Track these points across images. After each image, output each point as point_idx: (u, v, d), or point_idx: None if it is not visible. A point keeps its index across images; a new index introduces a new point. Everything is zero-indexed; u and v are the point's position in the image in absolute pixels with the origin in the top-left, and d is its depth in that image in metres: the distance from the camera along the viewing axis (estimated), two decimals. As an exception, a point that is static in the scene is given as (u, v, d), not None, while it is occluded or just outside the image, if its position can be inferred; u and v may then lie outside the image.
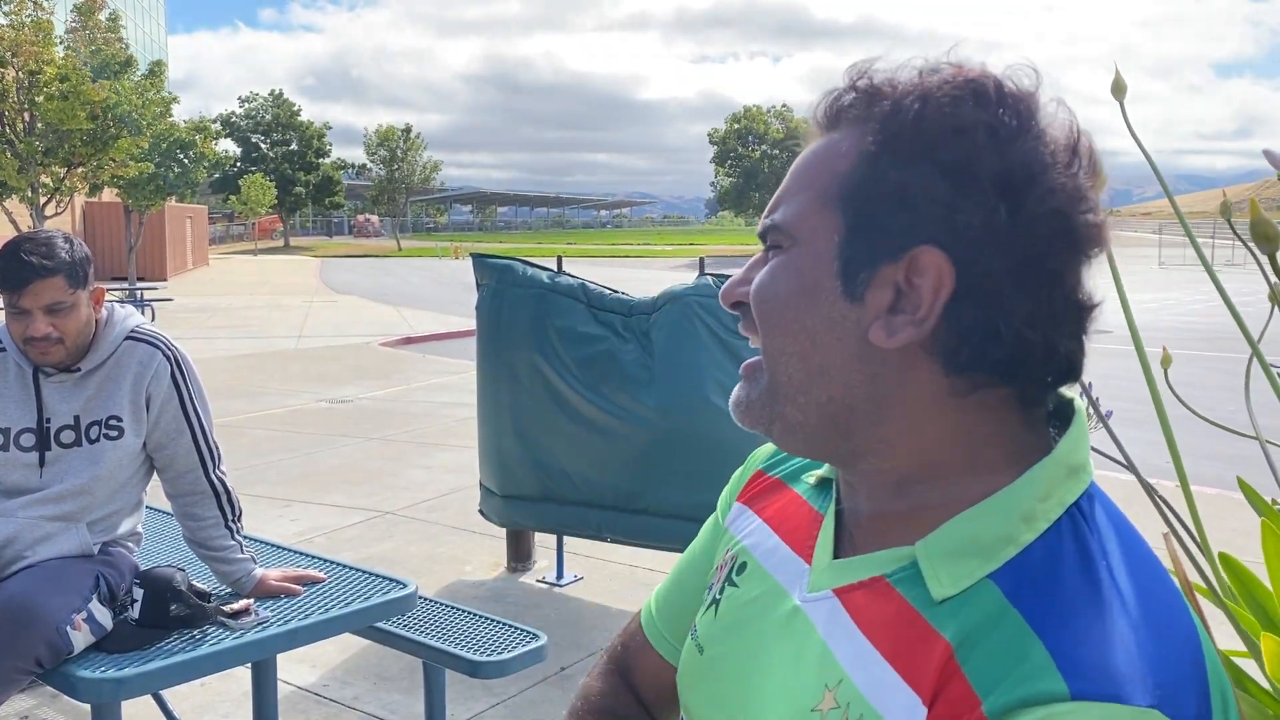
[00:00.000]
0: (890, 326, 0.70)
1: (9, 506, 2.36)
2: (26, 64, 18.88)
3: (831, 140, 0.75)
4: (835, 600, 0.76)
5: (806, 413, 0.74)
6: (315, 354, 14.15)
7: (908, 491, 0.74)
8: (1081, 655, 0.62)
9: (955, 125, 0.68)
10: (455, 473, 6.85)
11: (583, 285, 4.36)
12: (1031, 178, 0.68)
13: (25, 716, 3.44)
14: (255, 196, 58.96)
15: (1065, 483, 0.71)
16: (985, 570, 0.68)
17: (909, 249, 0.69)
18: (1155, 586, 0.68)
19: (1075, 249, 0.70)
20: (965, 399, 0.71)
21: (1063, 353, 0.71)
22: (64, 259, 2.31)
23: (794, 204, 0.75)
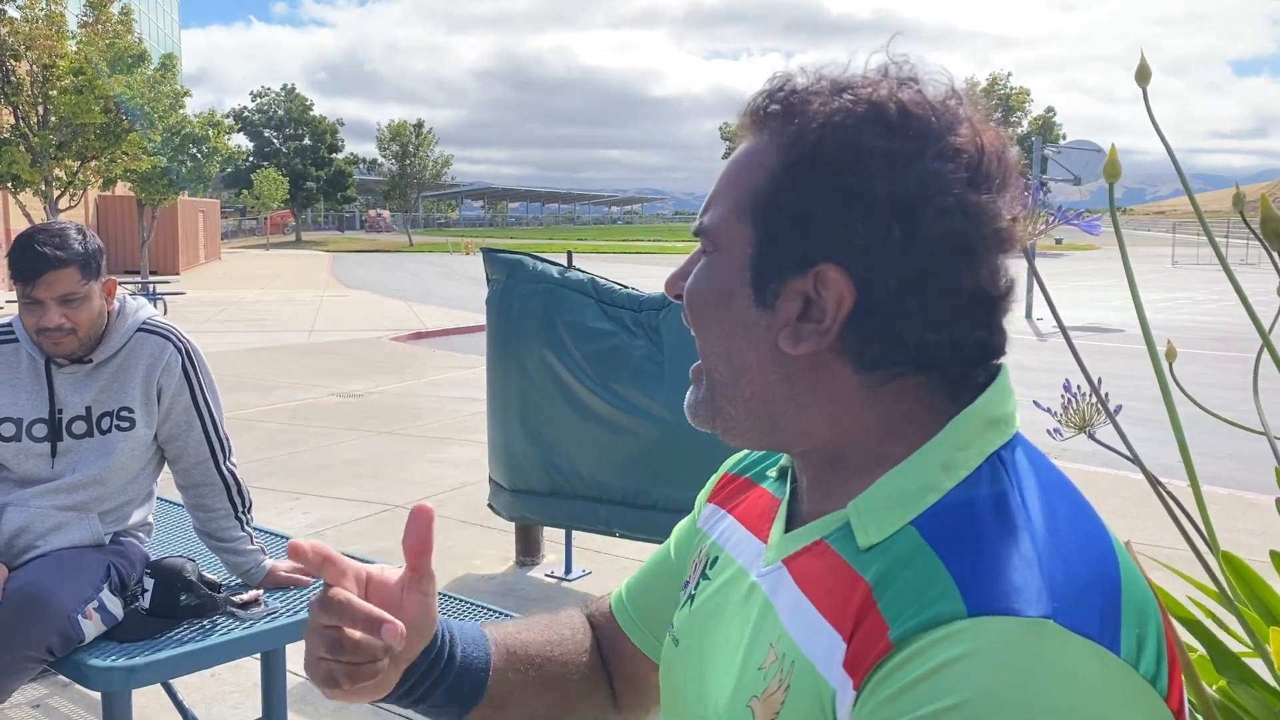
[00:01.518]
0: (797, 334, 0.75)
1: (22, 496, 2.37)
2: (40, 58, 18.96)
3: (753, 148, 0.79)
4: (784, 569, 0.80)
5: (736, 408, 0.80)
6: (326, 348, 14.19)
7: (841, 466, 0.78)
8: (981, 577, 0.65)
9: (853, 153, 0.72)
10: (464, 467, 6.87)
11: (593, 280, 4.37)
12: (926, 199, 0.71)
13: (37, 704, 3.47)
14: (268, 191, 59.14)
15: (985, 433, 0.74)
16: (908, 517, 0.72)
17: (812, 265, 0.73)
18: (1069, 516, 0.71)
19: (971, 260, 0.73)
20: (881, 389, 0.75)
21: (972, 342, 0.75)
22: (77, 250, 2.32)
23: (717, 210, 0.80)
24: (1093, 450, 0.86)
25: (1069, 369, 1.29)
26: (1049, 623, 0.62)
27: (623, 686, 1.07)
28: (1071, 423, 1.08)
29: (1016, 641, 0.61)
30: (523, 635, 1.02)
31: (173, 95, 22.28)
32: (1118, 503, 5.85)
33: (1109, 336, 15.60)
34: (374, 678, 0.80)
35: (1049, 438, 1.23)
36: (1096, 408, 1.06)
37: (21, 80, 19.24)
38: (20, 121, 19.39)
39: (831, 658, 0.70)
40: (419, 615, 0.84)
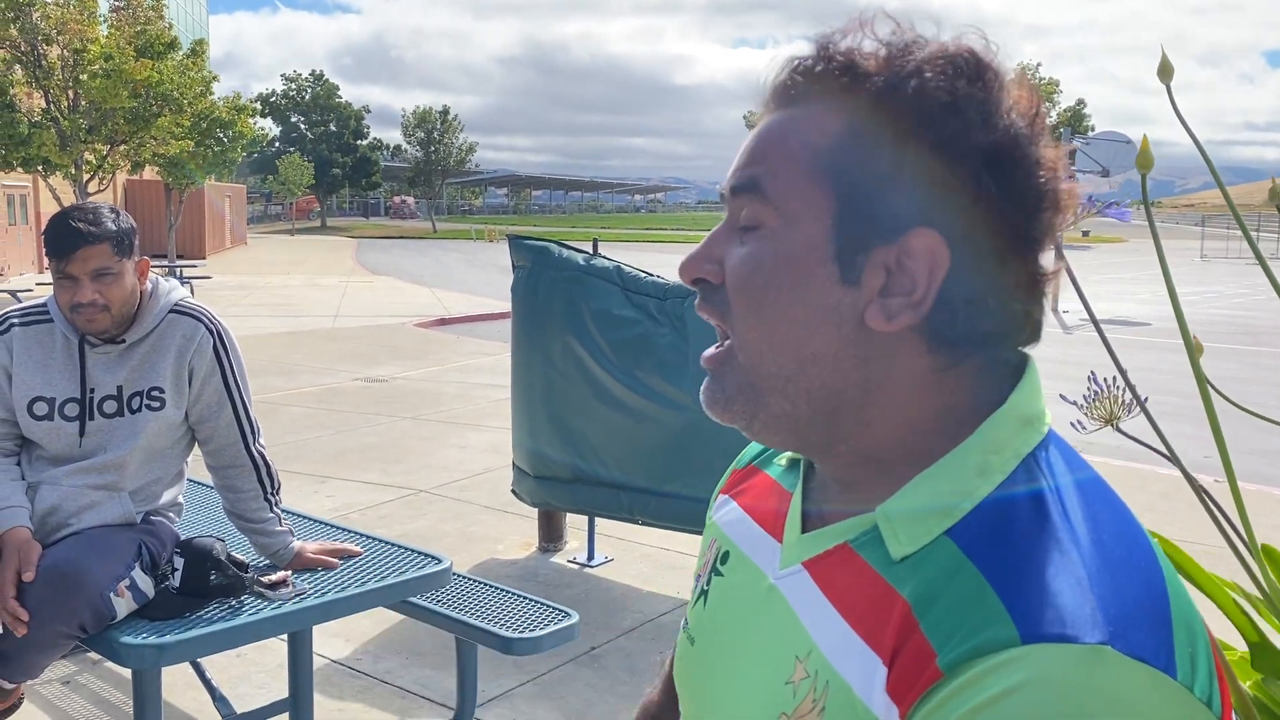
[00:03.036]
0: (887, 309, 0.69)
1: (54, 474, 2.41)
2: (71, 42, 19.10)
3: (805, 111, 0.73)
4: (805, 573, 0.76)
5: (795, 402, 0.73)
6: (351, 334, 14.27)
7: (880, 463, 0.74)
8: (1032, 599, 0.62)
9: (949, 102, 0.68)
10: (488, 453, 6.90)
11: (618, 268, 4.37)
12: (1018, 152, 0.69)
13: (68, 680, 3.52)
14: (293, 177, 59.41)
15: (1019, 434, 0.71)
16: (942, 527, 0.69)
17: (904, 230, 0.68)
18: (1113, 526, 0.68)
19: (1052, 217, 0.70)
20: (945, 373, 0.72)
21: (1036, 319, 0.72)
22: (110, 228, 2.35)
23: (777, 175, 0.72)
24: (1117, 444, 0.86)
25: (1096, 362, 1.28)
26: (1106, 649, 0.59)
27: None
28: (1098, 415, 1.08)
29: (1074, 670, 0.59)
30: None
31: (202, 81, 22.40)
32: (1144, 498, 5.81)
33: (1135, 330, 15.46)
34: None
35: (1072, 430, 1.23)
36: (1124, 400, 1.05)
37: (53, 64, 19.39)
38: (51, 105, 19.55)
39: (872, 681, 0.67)
40: None
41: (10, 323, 2.45)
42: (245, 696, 3.35)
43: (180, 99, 20.25)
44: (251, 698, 3.33)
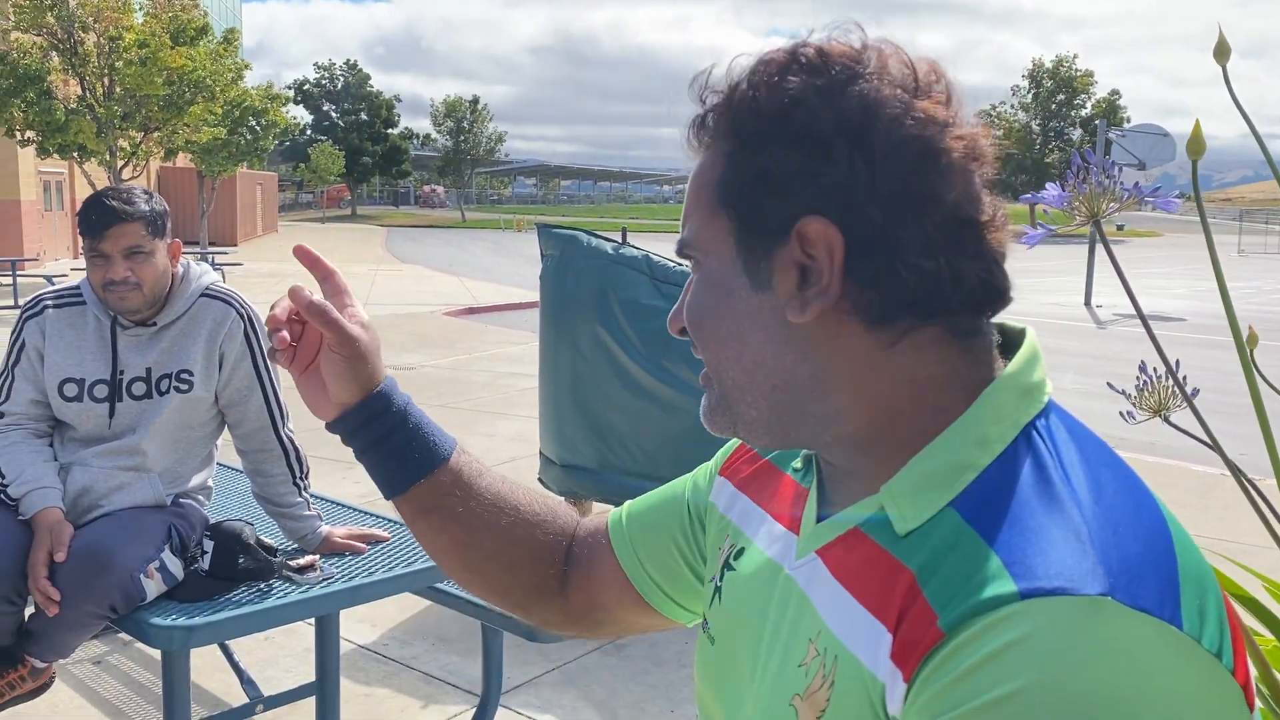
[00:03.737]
0: (802, 302, 0.73)
1: (84, 456, 2.42)
2: (107, 30, 19.27)
3: (705, 157, 0.79)
4: (818, 560, 0.78)
5: (758, 408, 0.78)
6: (380, 322, 14.33)
7: (871, 448, 0.76)
8: (1031, 556, 0.62)
9: (789, 98, 0.71)
10: (515, 441, 6.92)
11: (647, 257, 4.35)
12: (873, 116, 0.70)
13: (98, 661, 3.56)
14: (324, 165, 59.77)
15: (1018, 404, 0.72)
16: (945, 499, 0.70)
17: (792, 225, 0.72)
18: (1115, 485, 0.68)
19: (941, 168, 0.71)
20: (896, 348, 0.73)
21: (972, 275, 0.72)
22: (143, 207, 2.38)
23: (693, 221, 0.79)
24: (1150, 440, 0.84)
25: (1128, 356, 1.25)
26: (1107, 600, 0.60)
27: (579, 599, 1.07)
28: (1147, 406, 1.05)
29: (1074, 622, 0.59)
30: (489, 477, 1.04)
31: (234, 69, 22.56)
32: (1179, 494, 5.74)
33: (1171, 326, 15.27)
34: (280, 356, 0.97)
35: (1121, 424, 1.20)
36: (1173, 392, 1.03)
37: (89, 52, 19.59)
38: (87, 92, 19.75)
39: (877, 650, 0.68)
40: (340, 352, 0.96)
41: (44, 304, 2.46)
42: (272, 680, 3.37)
43: (212, 86, 20.39)
44: (279, 681, 3.35)
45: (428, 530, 1.02)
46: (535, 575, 1.05)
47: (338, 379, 0.97)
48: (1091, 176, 1.03)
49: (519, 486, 1.07)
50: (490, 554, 1.03)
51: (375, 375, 0.99)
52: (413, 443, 0.99)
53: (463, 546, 1.02)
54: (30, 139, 19.72)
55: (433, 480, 0.99)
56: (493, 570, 1.04)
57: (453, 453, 1.02)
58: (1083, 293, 18.68)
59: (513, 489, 1.05)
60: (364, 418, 0.98)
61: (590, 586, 1.06)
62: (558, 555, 1.06)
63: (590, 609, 1.07)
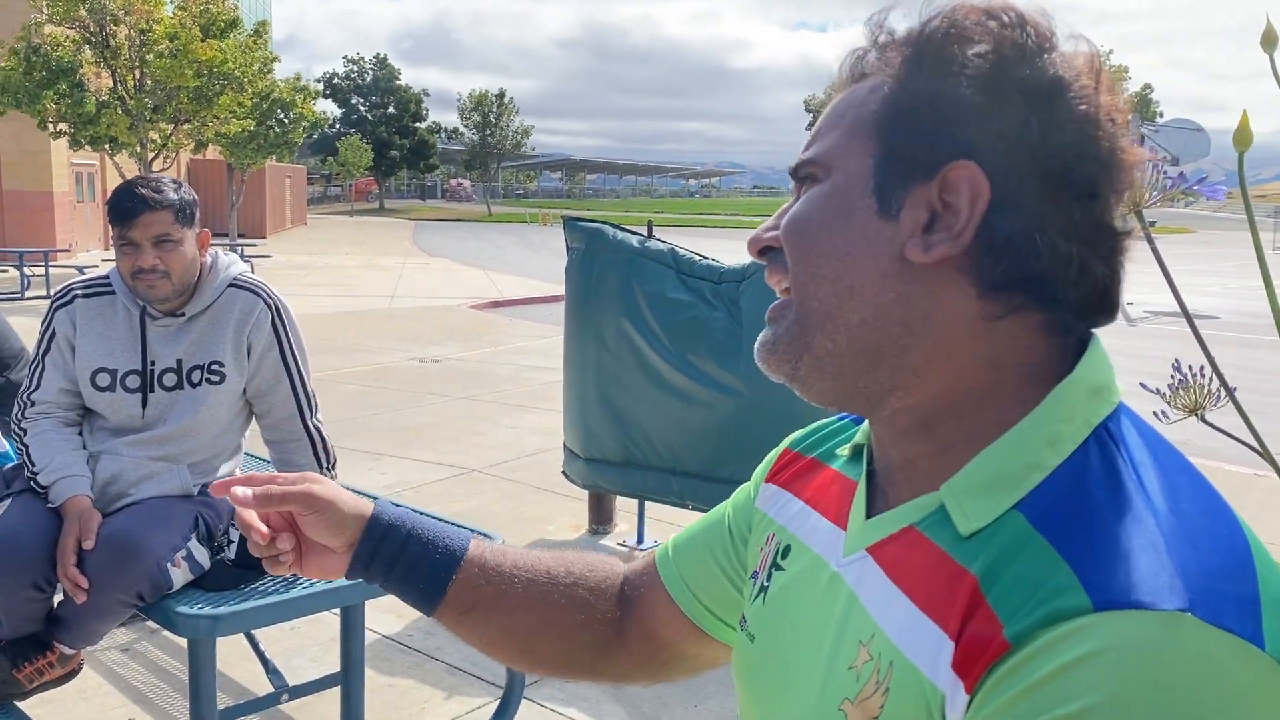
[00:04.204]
0: (926, 242, 0.70)
1: (115, 445, 2.44)
2: (138, 23, 19.42)
3: (861, 85, 0.76)
4: (868, 558, 0.75)
5: (836, 340, 0.73)
6: (407, 314, 14.40)
7: (935, 431, 0.73)
8: (1105, 567, 0.59)
9: (983, 40, 0.69)
10: (539, 434, 6.92)
11: (672, 251, 4.34)
12: (1059, 90, 0.68)
13: (126, 648, 3.59)
14: (353, 158, 60.06)
15: (1089, 403, 0.69)
16: (1011, 500, 0.67)
17: (943, 165, 0.69)
18: (1193, 496, 0.65)
19: (1108, 167, 0.69)
20: (996, 323, 0.70)
21: (1097, 275, 0.70)
22: (172, 196, 2.39)
23: (826, 139, 0.76)
24: (1183, 439, 0.82)
25: (1160, 355, 1.23)
26: (1186, 616, 0.56)
27: (641, 644, 1.04)
28: (1182, 405, 1.03)
29: (1152, 638, 0.56)
30: (512, 554, 1.02)
31: (263, 61, 22.69)
32: (1207, 494, 5.66)
33: (1204, 324, 15.04)
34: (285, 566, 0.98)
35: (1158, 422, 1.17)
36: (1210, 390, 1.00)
37: (120, 45, 19.74)
38: (118, 85, 19.92)
39: (938, 658, 0.64)
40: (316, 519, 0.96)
41: (74, 294, 2.48)
42: (298, 669, 3.39)
43: (241, 77, 20.52)
44: (304, 670, 3.37)
45: (475, 628, 1.01)
46: (592, 634, 1.03)
47: (328, 532, 0.97)
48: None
49: (547, 553, 1.05)
50: (538, 628, 1.01)
51: (359, 507, 0.99)
52: (428, 548, 0.99)
53: (510, 631, 1.01)
54: (62, 131, 19.92)
55: (461, 575, 0.99)
56: (548, 643, 1.03)
57: (470, 543, 1.01)
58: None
59: (539, 558, 1.04)
60: (372, 546, 0.98)
61: (648, 626, 1.03)
62: (608, 606, 1.04)
63: (655, 650, 1.04)
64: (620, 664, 1.05)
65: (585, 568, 1.05)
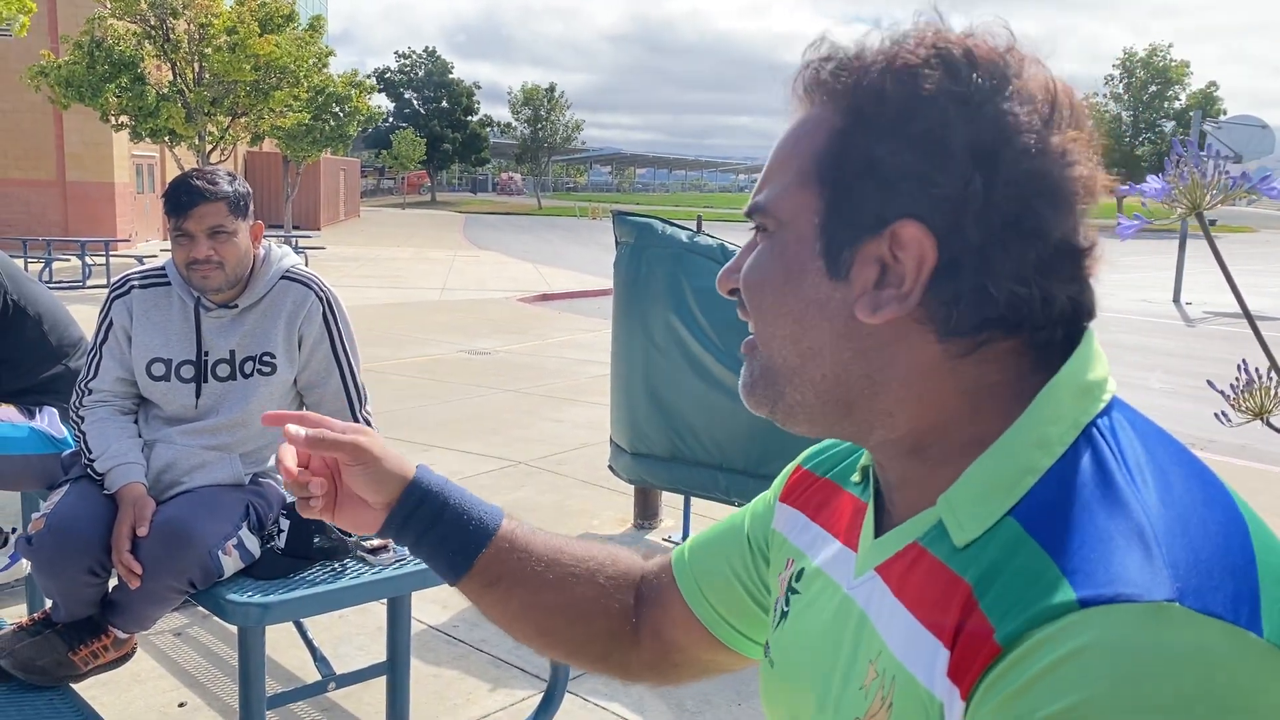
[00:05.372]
0: (875, 302, 0.70)
1: (169, 434, 2.48)
2: (197, 17, 19.75)
3: (807, 117, 0.75)
4: (877, 578, 0.76)
5: (804, 393, 0.75)
6: (457, 306, 14.50)
7: (924, 452, 0.73)
8: (1092, 563, 0.59)
9: (922, 96, 0.68)
10: (586, 428, 6.94)
11: (721, 246, 4.32)
12: (1005, 141, 0.67)
13: (179, 633, 3.65)
14: (405, 152, 60.58)
15: (1077, 403, 0.69)
16: (1006, 506, 0.67)
17: (888, 224, 0.69)
18: (1187, 486, 0.65)
19: (1057, 205, 0.68)
20: (964, 359, 0.70)
21: (1063, 298, 0.69)
22: (226, 188, 2.42)
23: (775, 185, 0.75)
24: (1241, 443, 0.79)
25: (1219, 355, 1.19)
26: (1174, 606, 0.56)
27: (652, 644, 1.04)
28: (1247, 407, 1.00)
29: (1138, 630, 0.56)
30: (541, 536, 1.03)
31: (318, 55, 22.97)
32: (1269, 499, 5.53)
33: (1265, 324, 14.70)
34: (315, 510, 0.98)
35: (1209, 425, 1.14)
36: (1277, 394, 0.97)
37: (180, 38, 20.10)
38: (177, 78, 20.27)
39: (934, 668, 0.65)
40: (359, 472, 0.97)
41: (130, 284, 2.52)
42: (345, 657, 3.42)
43: (297, 71, 20.79)
44: (351, 659, 3.40)
45: (496, 603, 1.02)
46: (608, 624, 1.04)
47: (370, 487, 0.98)
48: (1193, 165, 0.98)
49: (574, 539, 1.06)
50: (558, 609, 1.02)
51: (403, 467, 1.00)
52: (463, 518, 1.00)
53: (530, 609, 1.02)
54: (124, 123, 20.32)
55: (491, 549, 1.00)
56: (564, 626, 1.03)
57: (502, 519, 1.02)
58: (1171, 289, 18.12)
59: (568, 542, 1.05)
60: (409, 508, 0.99)
61: (661, 627, 1.04)
62: (626, 600, 1.05)
63: (665, 651, 1.05)
64: (630, 659, 1.06)
65: (608, 557, 1.06)
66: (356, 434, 0.98)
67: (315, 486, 0.96)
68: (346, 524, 1.01)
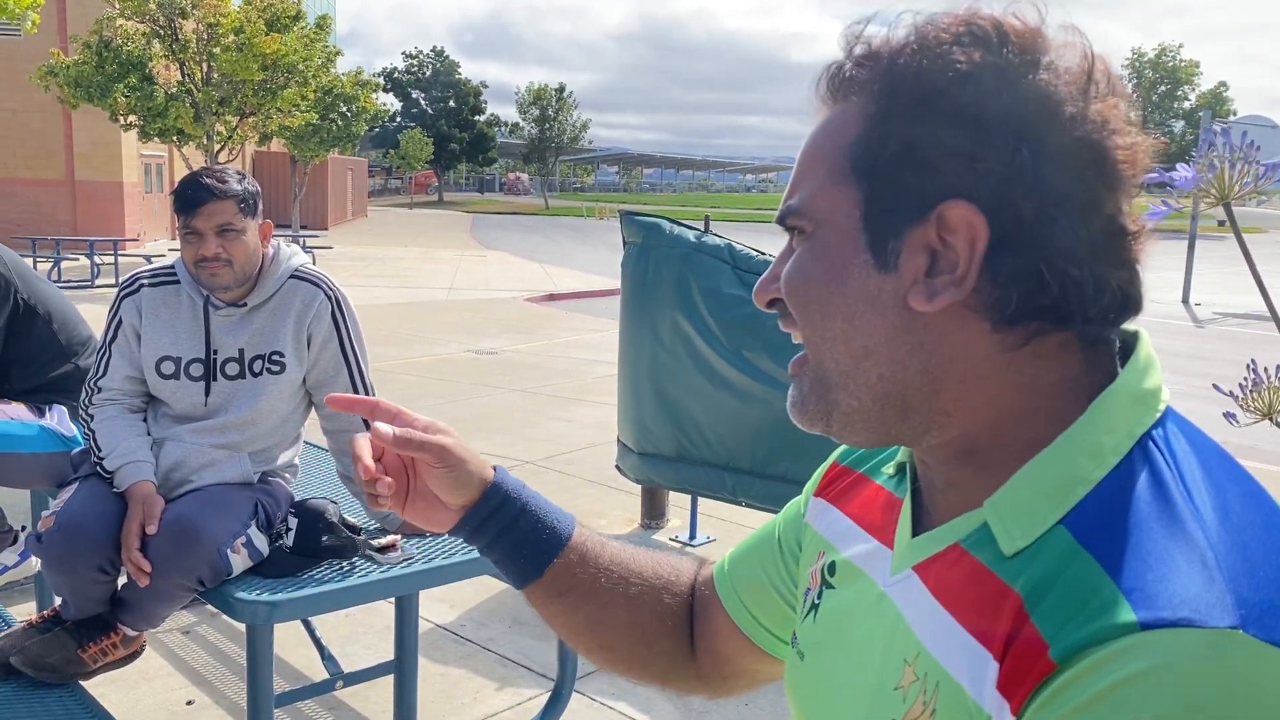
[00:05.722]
0: (930, 289, 0.68)
1: (178, 432, 2.49)
2: (206, 16, 19.79)
3: (835, 112, 0.73)
4: (914, 577, 0.74)
5: (860, 398, 0.72)
6: (464, 306, 14.52)
7: (976, 455, 0.71)
8: (1152, 584, 0.58)
9: (958, 71, 0.66)
10: (593, 428, 6.94)
11: (729, 246, 4.32)
12: (1048, 112, 0.65)
13: (187, 631, 3.67)
14: (413, 152, 60.64)
15: (1132, 412, 0.67)
16: (1056, 516, 0.65)
17: (933, 207, 0.67)
18: (1244, 506, 0.63)
19: (1108, 176, 0.67)
20: (1019, 351, 0.68)
21: (1115, 284, 0.67)
22: (235, 187, 2.44)
23: (808, 185, 0.73)
24: (1252, 444, 0.79)
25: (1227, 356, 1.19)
26: (1238, 633, 0.55)
27: (705, 656, 1.04)
28: (1255, 408, 0.99)
29: (1203, 657, 0.54)
30: (610, 547, 1.01)
31: (326, 55, 22.99)
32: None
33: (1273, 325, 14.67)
34: (384, 505, 0.94)
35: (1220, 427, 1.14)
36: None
37: (188, 38, 20.13)
38: (186, 78, 20.31)
39: (983, 678, 0.64)
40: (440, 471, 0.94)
41: (140, 283, 2.53)
42: (352, 656, 3.43)
43: (304, 71, 20.81)
44: (358, 658, 3.41)
45: (561, 612, 1.00)
46: (669, 643, 1.03)
47: (449, 488, 0.95)
48: (1223, 155, 0.97)
49: (640, 552, 1.04)
50: (624, 627, 1.01)
51: (482, 468, 0.97)
52: (538, 526, 0.97)
53: (596, 624, 1.00)
54: (132, 123, 20.36)
55: (563, 560, 0.97)
56: (628, 644, 1.02)
57: (574, 528, 0.99)
58: (1180, 290, 18.08)
59: (634, 555, 1.03)
60: (487, 512, 0.96)
61: (710, 640, 1.03)
62: (686, 616, 1.03)
63: (716, 664, 1.04)
64: (689, 677, 1.05)
65: (672, 573, 1.04)
66: (442, 434, 0.95)
67: (383, 488, 0.93)
68: (417, 519, 0.98)
